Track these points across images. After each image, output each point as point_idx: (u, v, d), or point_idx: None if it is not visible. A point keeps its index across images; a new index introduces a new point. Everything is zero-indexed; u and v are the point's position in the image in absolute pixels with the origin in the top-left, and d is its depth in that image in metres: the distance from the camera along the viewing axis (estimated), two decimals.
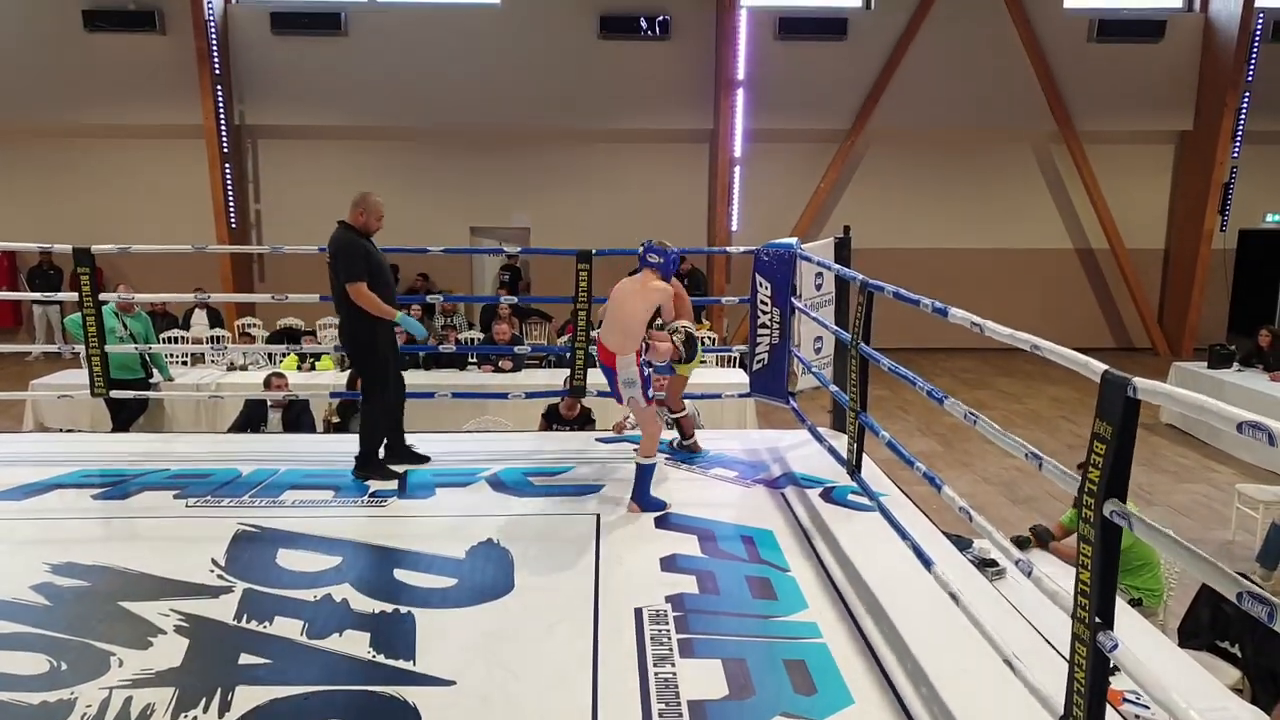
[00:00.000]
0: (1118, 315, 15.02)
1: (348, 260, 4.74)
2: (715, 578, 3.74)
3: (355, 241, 4.79)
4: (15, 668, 3.00)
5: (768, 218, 13.15)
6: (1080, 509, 2.14)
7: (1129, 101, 14.06)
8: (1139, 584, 4.77)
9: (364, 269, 4.75)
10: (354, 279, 4.73)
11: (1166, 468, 8.66)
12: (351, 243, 4.78)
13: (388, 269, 5.00)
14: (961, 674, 2.96)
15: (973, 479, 8.14)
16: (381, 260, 4.92)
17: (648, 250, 4.70)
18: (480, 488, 4.87)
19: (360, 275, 4.73)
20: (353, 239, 4.80)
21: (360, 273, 4.73)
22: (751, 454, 5.52)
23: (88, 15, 13.19)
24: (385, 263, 4.97)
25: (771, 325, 5.69)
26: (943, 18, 13.60)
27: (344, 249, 4.77)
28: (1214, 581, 1.80)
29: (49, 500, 4.67)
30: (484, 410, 7.34)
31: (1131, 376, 1.99)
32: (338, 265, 4.76)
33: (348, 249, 4.76)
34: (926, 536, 3.87)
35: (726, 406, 7.81)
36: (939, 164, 14.57)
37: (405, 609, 3.44)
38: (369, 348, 4.89)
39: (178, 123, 13.46)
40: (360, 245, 4.79)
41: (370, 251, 4.83)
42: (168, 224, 13.17)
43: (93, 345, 5.70)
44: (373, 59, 13.57)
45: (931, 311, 3.26)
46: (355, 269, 4.73)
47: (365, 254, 4.79)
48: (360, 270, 4.74)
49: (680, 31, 13.75)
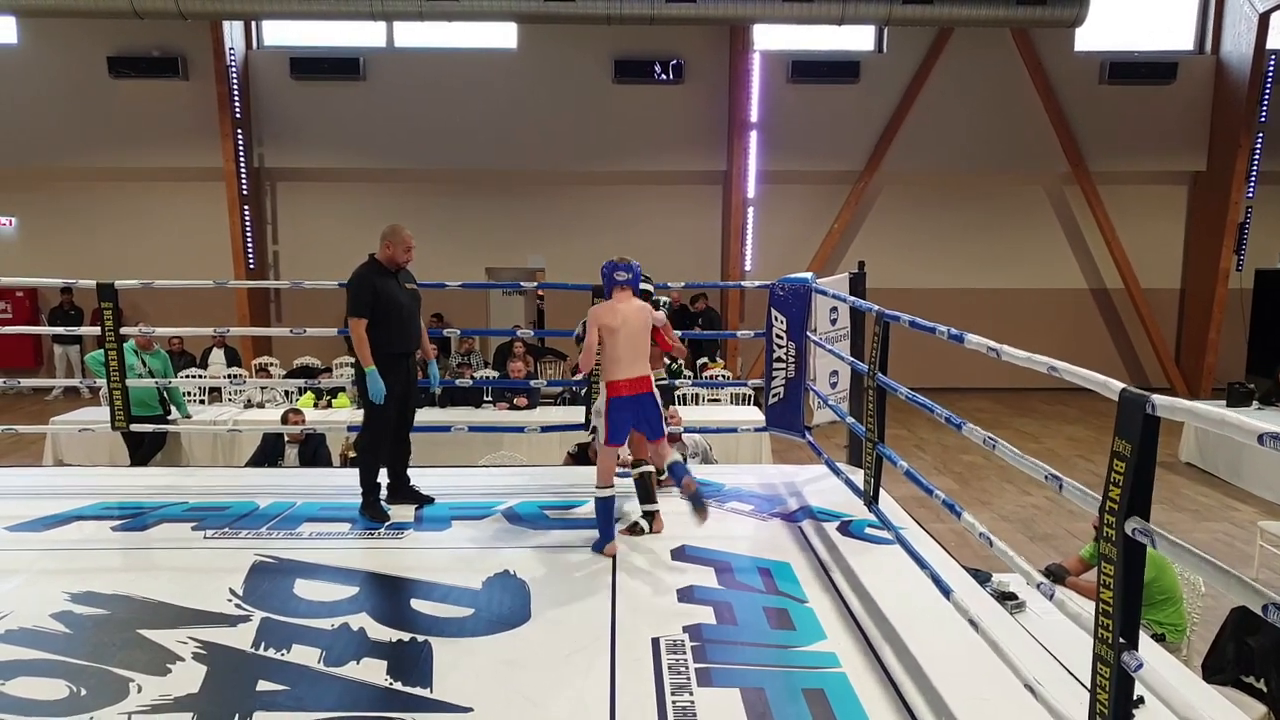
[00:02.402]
0: (1134, 355, 14.96)
1: (352, 295, 4.72)
2: (733, 608, 3.72)
3: (366, 277, 4.74)
4: (36, 693, 3.01)
5: (781, 258, 13.22)
6: (1101, 528, 2.13)
7: (1142, 142, 14.14)
8: (1162, 619, 4.70)
9: (367, 305, 4.69)
10: (353, 314, 4.70)
11: (1186, 506, 8.57)
12: (362, 278, 4.74)
13: (406, 306, 4.85)
14: (981, 702, 2.93)
15: (991, 517, 8.08)
16: (399, 298, 4.80)
17: (613, 270, 4.50)
18: (496, 520, 4.88)
19: (360, 312, 4.69)
20: (365, 275, 4.75)
21: (361, 309, 4.69)
22: (768, 488, 5.51)
23: (113, 62, 13.49)
24: (405, 300, 4.85)
25: (787, 360, 5.70)
26: (954, 61, 13.76)
27: (353, 283, 4.74)
28: (1238, 595, 1.79)
29: (69, 531, 4.70)
30: (500, 445, 7.35)
31: (1150, 394, 2.00)
32: (347, 299, 4.74)
33: (356, 284, 4.73)
34: (945, 568, 3.85)
35: (742, 441, 7.80)
36: (952, 205, 14.64)
37: (422, 638, 3.44)
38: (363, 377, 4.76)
39: (198, 166, 13.71)
40: (370, 282, 4.72)
41: (381, 289, 4.73)
42: (188, 265, 13.35)
43: (114, 379, 5.76)
44: (390, 103, 13.81)
45: (947, 338, 3.27)
46: (357, 305, 4.70)
47: (374, 290, 4.71)
48: (362, 307, 4.69)
49: (694, 75, 13.95)
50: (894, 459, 4.09)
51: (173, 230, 14.09)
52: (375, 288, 4.73)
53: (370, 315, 4.71)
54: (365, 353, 4.69)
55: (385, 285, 4.77)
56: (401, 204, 14.18)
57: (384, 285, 4.76)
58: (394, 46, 13.94)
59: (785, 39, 13.86)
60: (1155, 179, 14.46)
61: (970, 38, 13.65)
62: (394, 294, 4.79)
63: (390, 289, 4.78)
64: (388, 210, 14.05)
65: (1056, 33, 13.46)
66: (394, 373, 4.80)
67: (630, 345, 4.38)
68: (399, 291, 4.84)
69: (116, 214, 14.17)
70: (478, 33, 13.77)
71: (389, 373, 4.76)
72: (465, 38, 13.77)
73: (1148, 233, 14.48)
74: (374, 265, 4.82)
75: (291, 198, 14.45)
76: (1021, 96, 13.89)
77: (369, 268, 4.81)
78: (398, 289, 4.84)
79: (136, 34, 13.30)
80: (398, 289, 4.84)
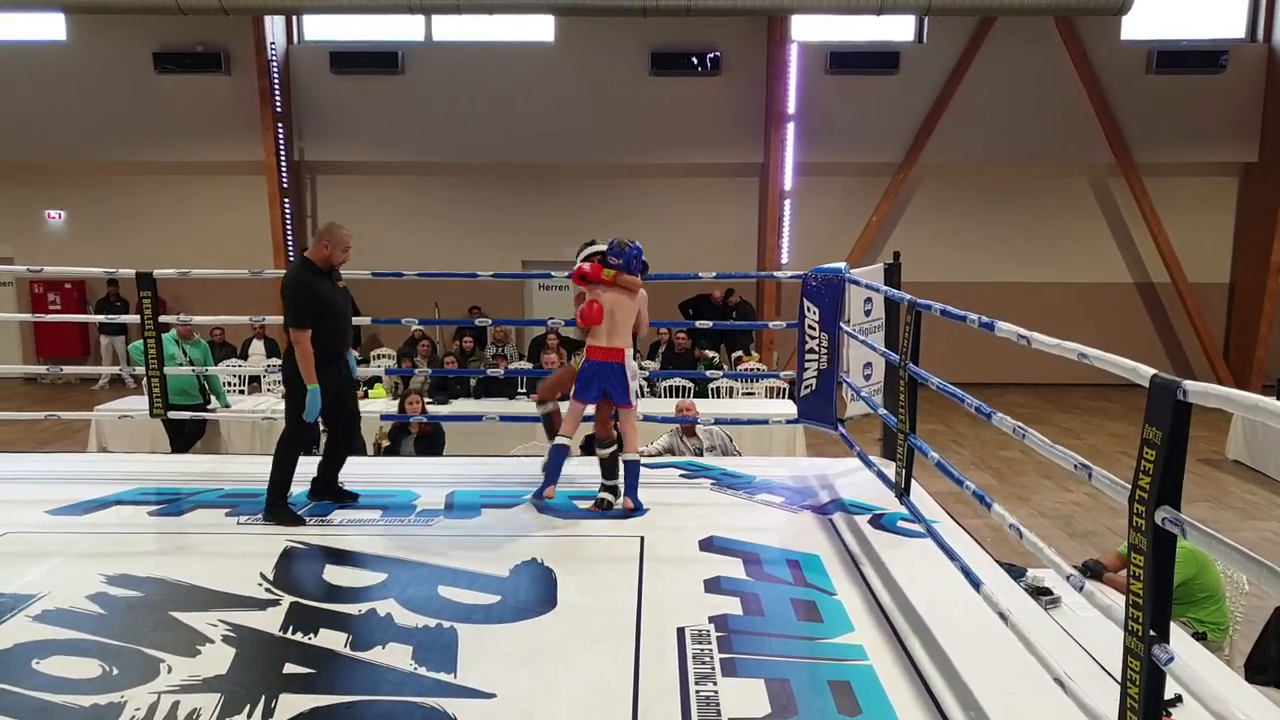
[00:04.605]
0: (1180, 350, 14.63)
1: (294, 305, 4.50)
2: (760, 600, 3.69)
3: (305, 283, 4.52)
4: (69, 671, 3.06)
5: (818, 251, 13.09)
6: (1131, 518, 2.08)
7: (1190, 133, 13.81)
8: (1203, 617, 4.59)
9: (310, 315, 4.49)
10: (298, 326, 4.48)
11: (1233, 504, 8.38)
12: (301, 285, 4.52)
13: (344, 307, 4.76)
14: (1010, 696, 2.87)
15: (1029, 513, 7.95)
16: (336, 299, 4.65)
17: (610, 254, 4.88)
18: (525, 509, 4.89)
19: (304, 323, 4.48)
20: (303, 280, 4.53)
21: (305, 320, 4.48)
22: (799, 480, 5.46)
23: (158, 58, 13.72)
24: (341, 300, 4.70)
25: (819, 351, 5.64)
26: (996, 50, 13.54)
27: (293, 291, 4.52)
28: (1274, 586, 1.73)
29: (108, 515, 4.78)
30: (532, 436, 7.37)
31: (1181, 380, 1.94)
32: (285, 305, 4.54)
33: (296, 292, 4.51)
34: (976, 562, 3.78)
35: (776, 434, 7.75)
36: (993, 197, 14.42)
37: (448, 624, 3.45)
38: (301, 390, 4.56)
39: (240, 159, 13.89)
40: (309, 288, 4.52)
41: (320, 293, 4.54)
42: (228, 258, 13.42)
43: (153, 368, 5.86)
44: (428, 97, 13.90)
45: (978, 326, 3.21)
46: (301, 315, 4.49)
47: (313, 297, 4.51)
48: (305, 317, 4.48)
49: (731, 67, 13.87)
50: (925, 450, 4.04)
51: (215, 223, 14.31)
52: (315, 294, 4.53)
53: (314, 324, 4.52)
54: (310, 370, 4.48)
55: (322, 288, 4.58)
56: (439, 196, 14.29)
57: (322, 288, 4.57)
58: (432, 41, 14.02)
59: (823, 30, 13.73)
60: (1204, 171, 14.12)
61: (1013, 28, 13.41)
62: (331, 296, 4.62)
63: (327, 291, 4.60)
64: (425, 202, 14.22)
65: (1102, 21, 13.19)
66: (332, 373, 4.64)
67: (612, 322, 4.83)
68: (334, 292, 4.67)
69: (161, 207, 14.41)
70: (515, 26, 13.81)
71: (326, 375, 4.58)
72: (503, 32, 13.81)
73: (1196, 226, 14.14)
74: (308, 266, 4.58)
75: (331, 191, 14.60)
76: (1065, 87, 13.62)
77: (304, 269, 4.57)
78: (333, 290, 4.66)
79: (181, 30, 13.50)
80: (333, 290, 4.66)
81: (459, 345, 10.41)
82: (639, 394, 5.02)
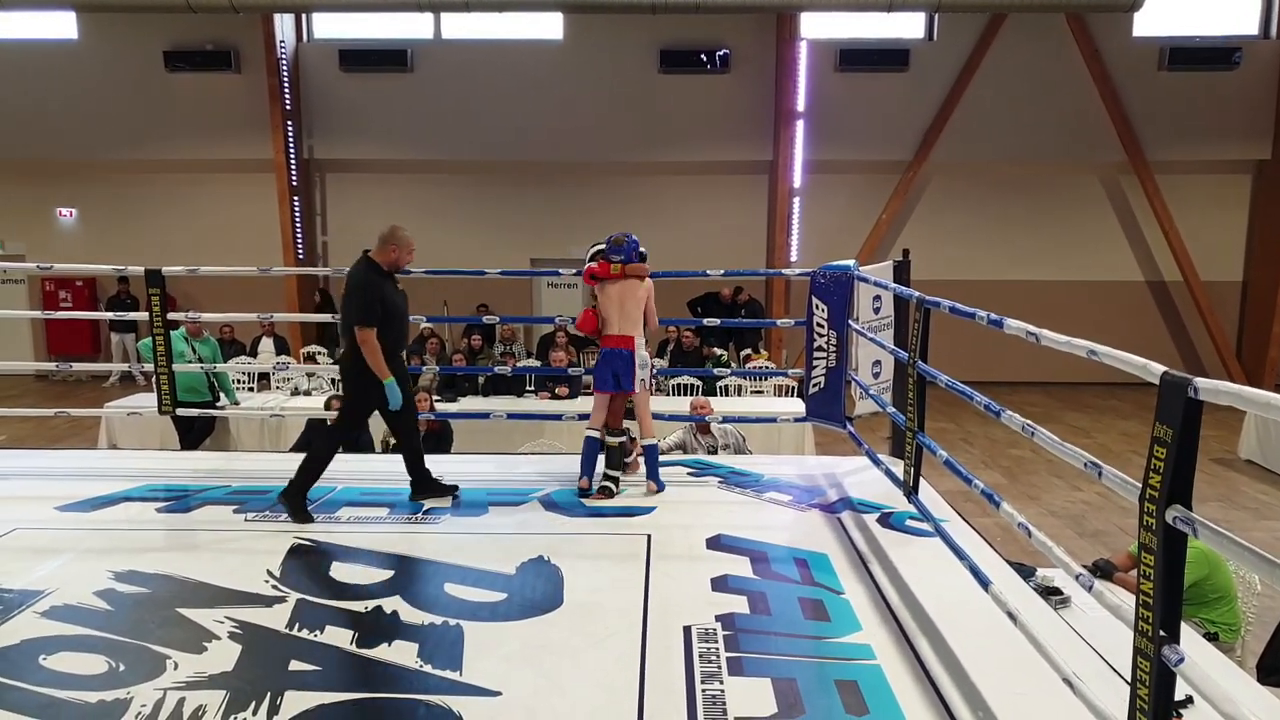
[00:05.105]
0: (1192, 349, 14.55)
1: (363, 302, 4.58)
2: (767, 598, 3.67)
3: (374, 283, 4.62)
4: (76, 668, 3.06)
5: (827, 248, 13.01)
6: (1141, 517, 2.05)
7: (1203, 131, 13.73)
8: (1215, 617, 4.56)
9: (378, 314, 4.58)
10: (365, 324, 4.56)
11: (1246, 504, 8.32)
12: (370, 284, 4.62)
13: (405, 311, 4.86)
14: (1019, 696, 2.85)
15: (1039, 512, 7.91)
16: (399, 301, 4.76)
17: (611, 251, 5.12)
18: (533, 507, 4.88)
19: (373, 321, 4.56)
20: (372, 280, 4.63)
21: (373, 318, 4.57)
22: (807, 479, 5.44)
23: (169, 56, 13.78)
24: (401, 303, 4.80)
25: (828, 348, 5.62)
26: (1007, 48, 13.48)
27: (361, 289, 4.60)
28: None
29: (116, 512, 4.79)
30: (541, 433, 7.37)
31: (1192, 377, 1.92)
32: (351, 303, 4.62)
33: (365, 290, 4.60)
34: (985, 561, 3.76)
35: (784, 432, 7.73)
36: (1003, 195, 14.37)
37: (454, 622, 3.44)
38: (364, 388, 4.67)
39: (250, 157, 13.94)
40: (378, 287, 4.62)
41: (387, 295, 4.66)
42: (237, 255, 13.51)
43: (161, 365, 5.87)
44: (437, 95, 13.91)
45: (987, 323, 3.18)
46: (370, 314, 4.57)
47: (381, 297, 4.61)
48: (374, 316, 4.57)
49: (740, 64, 13.85)
50: (934, 448, 4.01)
51: (225, 221, 14.36)
52: (383, 294, 4.62)
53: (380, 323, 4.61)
54: (381, 364, 4.59)
55: (387, 289, 4.68)
56: (448, 194, 14.30)
57: (386, 290, 4.68)
58: (441, 38, 14.03)
59: (833, 27, 13.70)
60: (1216, 168, 14.03)
61: (1023, 25, 13.36)
62: (394, 298, 4.72)
63: (390, 293, 4.69)
64: (435, 200, 14.22)
65: (1113, 18, 13.12)
66: (394, 369, 4.74)
67: (621, 311, 5.08)
68: (396, 294, 4.76)
69: (171, 205, 14.47)
70: (524, 24, 13.82)
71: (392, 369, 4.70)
72: (512, 30, 13.82)
73: (1208, 223, 14.06)
74: (374, 267, 4.69)
75: (340, 189, 14.63)
76: (1076, 84, 13.56)
77: (372, 271, 4.67)
78: (395, 292, 4.75)
79: (191, 28, 13.56)
80: (395, 292, 4.75)
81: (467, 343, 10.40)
82: (651, 386, 5.23)
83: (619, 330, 5.08)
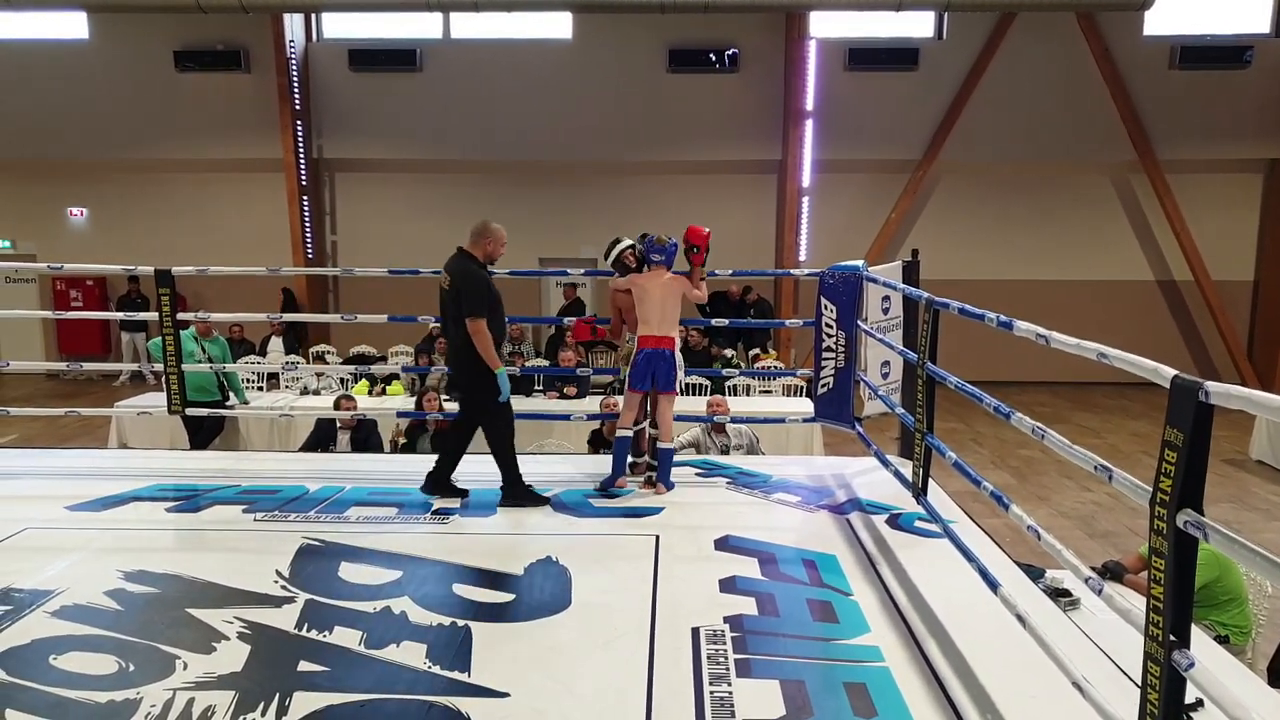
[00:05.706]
0: (1203, 349, 14.47)
1: (474, 294, 4.68)
2: (775, 600, 3.67)
3: (481, 275, 4.74)
4: (86, 668, 3.08)
5: (837, 248, 13.00)
6: (1152, 521, 2.04)
7: (1214, 130, 13.66)
8: (1226, 620, 4.53)
9: (487, 305, 4.70)
10: (477, 315, 4.67)
11: (1257, 505, 8.28)
12: (478, 276, 4.72)
13: (502, 302, 4.93)
14: (1028, 700, 2.84)
15: (1049, 513, 7.88)
16: (499, 294, 4.86)
17: (649, 251, 5.23)
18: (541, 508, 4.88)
19: (484, 312, 4.68)
20: (478, 272, 4.74)
21: (483, 309, 4.68)
22: (816, 480, 5.44)
23: (179, 56, 13.83)
24: (501, 295, 4.90)
25: (836, 349, 5.61)
26: (1016, 47, 13.43)
27: (471, 282, 4.70)
28: None
29: (126, 512, 4.81)
30: (549, 433, 7.37)
31: (1203, 381, 1.91)
32: (462, 296, 4.70)
33: (474, 282, 4.70)
34: (996, 563, 3.75)
35: (793, 432, 7.72)
36: (1013, 195, 14.31)
37: (463, 622, 3.45)
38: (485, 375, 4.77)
39: (260, 157, 13.97)
40: (485, 279, 4.74)
41: (491, 285, 4.77)
42: (247, 255, 13.54)
43: (171, 365, 5.89)
44: (446, 95, 13.92)
45: (996, 325, 3.17)
46: (480, 305, 4.67)
47: (489, 287, 4.73)
48: (484, 307, 4.68)
49: (749, 64, 13.82)
50: (943, 450, 4.00)
51: (235, 221, 14.40)
52: (489, 285, 4.76)
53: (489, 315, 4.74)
54: (493, 354, 4.73)
55: (491, 283, 4.82)
56: (457, 193, 14.30)
57: (491, 283, 4.82)
58: (450, 38, 14.04)
59: (842, 26, 13.66)
60: (1228, 167, 13.95)
61: (1033, 24, 13.30)
62: (497, 292, 4.85)
63: (493, 286, 4.84)
64: (443, 200, 14.22)
65: (1124, 17, 13.05)
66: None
67: (662, 312, 5.09)
68: (496, 289, 4.89)
69: (182, 205, 14.51)
70: (533, 24, 13.82)
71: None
72: (521, 29, 13.82)
73: (1220, 223, 13.99)
74: (475, 260, 4.80)
75: (349, 188, 14.66)
76: (1086, 83, 13.50)
77: (477, 264, 4.79)
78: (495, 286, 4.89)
79: (201, 28, 13.59)
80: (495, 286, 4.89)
81: None
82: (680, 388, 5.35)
83: (660, 331, 5.07)
